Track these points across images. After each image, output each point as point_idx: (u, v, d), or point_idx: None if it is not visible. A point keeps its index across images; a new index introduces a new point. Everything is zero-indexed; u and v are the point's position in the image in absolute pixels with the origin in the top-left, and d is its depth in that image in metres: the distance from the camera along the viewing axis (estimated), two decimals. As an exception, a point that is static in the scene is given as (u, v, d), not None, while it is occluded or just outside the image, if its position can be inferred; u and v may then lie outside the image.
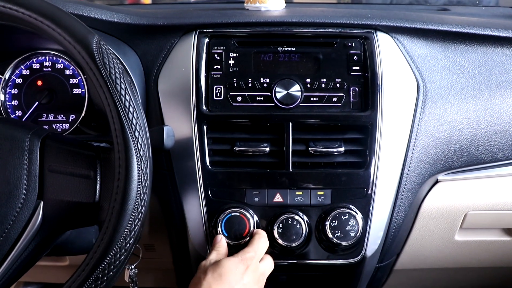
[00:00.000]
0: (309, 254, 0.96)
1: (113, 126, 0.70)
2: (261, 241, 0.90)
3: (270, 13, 1.07)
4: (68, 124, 1.04)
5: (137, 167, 0.69)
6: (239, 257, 0.85)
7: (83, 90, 1.04)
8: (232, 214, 0.93)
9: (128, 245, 0.69)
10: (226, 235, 0.92)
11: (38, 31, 0.73)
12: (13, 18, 0.73)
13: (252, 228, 0.92)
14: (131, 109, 0.70)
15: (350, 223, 0.93)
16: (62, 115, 1.04)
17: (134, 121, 0.70)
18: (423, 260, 1.19)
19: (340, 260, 0.97)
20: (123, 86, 0.70)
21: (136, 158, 0.69)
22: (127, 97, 0.70)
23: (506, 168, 1.08)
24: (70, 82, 1.04)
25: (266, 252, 0.92)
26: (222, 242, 0.91)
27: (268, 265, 0.90)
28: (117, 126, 0.69)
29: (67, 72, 1.04)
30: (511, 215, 1.11)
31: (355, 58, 0.99)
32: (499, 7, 1.37)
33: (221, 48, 0.99)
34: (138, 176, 0.69)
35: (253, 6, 1.10)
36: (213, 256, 0.87)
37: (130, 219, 0.68)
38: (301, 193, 0.95)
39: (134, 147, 0.69)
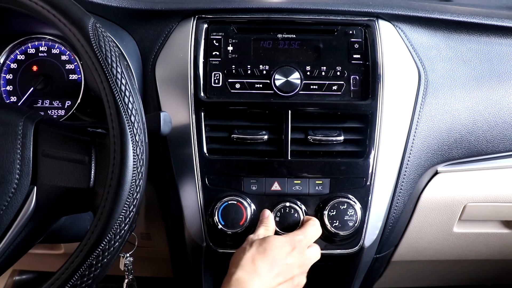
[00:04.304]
0: (307, 244, 0.95)
1: (108, 110, 0.69)
2: (313, 228, 0.89)
3: (270, -1, 1.06)
4: (63, 110, 1.03)
5: (133, 152, 0.68)
6: (287, 237, 0.84)
7: (79, 76, 1.03)
8: (229, 202, 0.92)
9: (122, 231, 0.68)
10: (223, 223, 0.91)
11: (32, 13, 0.72)
12: (6, -1, 0.71)
13: (249, 217, 0.91)
14: (127, 93, 0.69)
15: (348, 212, 0.92)
16: (58, 101, 1.03)
17: (130, 106, 0.68)
18: (421, 251, 1.19)
19: (338, 251, 0.96)
20: (119, 70, 0.69)
21: (132, 143, 0.68)
22: (123, 81, 0.69)
23: (506, 160, 1.07)
24: (66, 67, 1.03)
25: None
26: (270, 218, 0.90)
27: (315, 252, 0.88)
28: (112, 111, 0.68)
29: (63, 57, 1.03)
30: (510, 207, 1.10)
31: (356, 46, 0.98)
32: (502, -2, 1.35)
33: (220, 34, 0.98)
34: (134, 161, 0.67)
35: (253, -8, 1.08)
36: (261, 231, 0.87)
37: (125, 205, 0.67)
38: (299, 182, 0.94)
39: (129, 131, 0.68)
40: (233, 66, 0.96)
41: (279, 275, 0.80)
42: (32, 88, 1.01)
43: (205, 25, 0.98)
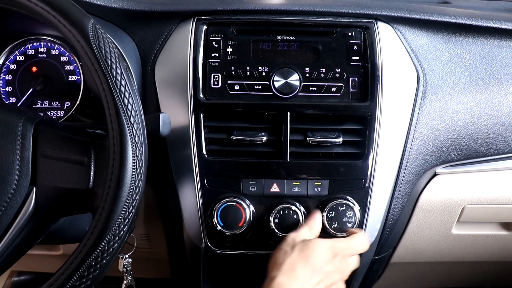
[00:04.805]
0: (306, 245, 0.95)
1: (108, 111, 0.69)
2: (359, 240, 0.88)
3: (270, 0, 1.06)
4: (63, 112, 1.03)
5: (132, 153, 0.68)
6: (330, 242, 0.83)
7: (79, 77, 1.03)
8: (228, 203, 0.92)
9: (122, 232, 0.68)
10: (222, 224, 0.91)
11: (32, 14, 0.72)
12: (6, 0, 0.71)
13: (248, 218, 0.91)
14: (127, 94, 0.69)
15: (347, 214, 0.92)
16: (57, 102, 1.03)
17: (129, 107, 0.69)
18: (420, 253, 1.19)
19: (337, 252, 0.96)
20: (118, 71, 0.69)
21: (131, 144, 0.68)
22: (123, 82, 0.69)
23: (505, 162, 1.07)
24: (66, 68, 1.03)
25: (263, 242, 0.91)
26: (317, 220, 0.89)
27: (355, 261, 0.89)
28: (112, 112, 0.68)
29: (63, 58, 1.03)
30: (509, 209, 1.10)
31: (355, 48, 0.98)
32: (501, 0, 1.36)
33: (219, 35, 0.98)
34: (133, 162, 0.68)
35: (252, -7, 1.09)
36: (305, 232, 0.86)
37: (124, 206, 0.67)
38: (298, 183, 0.94)
39: (129, 132, 0.68)
40: (233, 68, 0.96)
41: (320, 283, 0.79)
42: (31, 89, 1.02)
43: (205, 27, 0.98)
